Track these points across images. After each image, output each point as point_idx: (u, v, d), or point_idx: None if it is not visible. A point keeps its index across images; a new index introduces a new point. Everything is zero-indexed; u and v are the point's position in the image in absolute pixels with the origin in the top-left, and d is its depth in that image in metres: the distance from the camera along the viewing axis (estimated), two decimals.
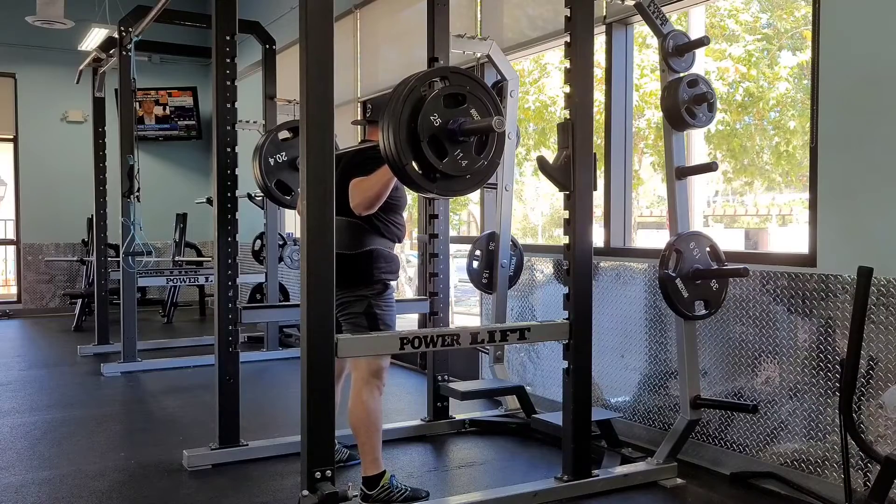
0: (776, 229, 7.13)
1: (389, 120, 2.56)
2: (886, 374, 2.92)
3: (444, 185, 2.68)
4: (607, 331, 4.16)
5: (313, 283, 2.56)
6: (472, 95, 2.66)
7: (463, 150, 2.64)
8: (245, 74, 7.12)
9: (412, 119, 2.57)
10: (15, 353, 7.08)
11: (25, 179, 9.66)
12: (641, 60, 5.95)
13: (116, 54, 6.15)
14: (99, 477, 3.54)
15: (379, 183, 2.94)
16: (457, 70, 2.79)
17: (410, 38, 6.10)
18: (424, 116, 2.56)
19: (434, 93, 2.60)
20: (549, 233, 9.30)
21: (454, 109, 2.62)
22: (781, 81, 6.45)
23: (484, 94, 2.69)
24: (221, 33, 3.72)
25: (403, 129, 2.56)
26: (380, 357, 3.11)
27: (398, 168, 2.61)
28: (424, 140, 2.56)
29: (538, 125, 8.27)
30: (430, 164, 2.58)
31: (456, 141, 2.62)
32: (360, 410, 3.08)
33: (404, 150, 2.57)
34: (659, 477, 3.42)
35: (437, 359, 4.25)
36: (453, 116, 2.61)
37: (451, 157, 2.61)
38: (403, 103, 2.57)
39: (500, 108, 2.73)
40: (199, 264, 8.98)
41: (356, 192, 2.98)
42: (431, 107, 2.58)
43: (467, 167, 2.66)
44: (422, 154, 2.57)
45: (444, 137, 2.60)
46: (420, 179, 2.62)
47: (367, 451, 3.09)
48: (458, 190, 2.78)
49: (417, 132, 2.56)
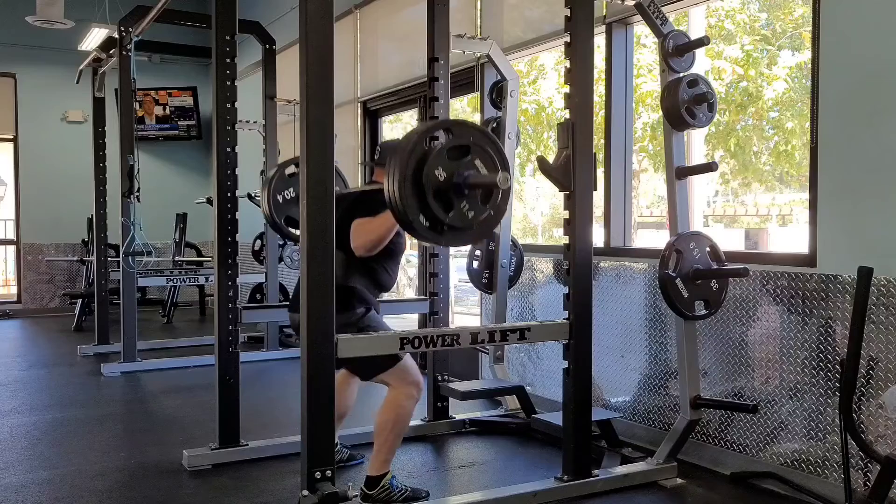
0: (776, 229, 7.14)
1: (395, 174, 2.57)
2: (886, 374, 2.92)
3: (452, 237, 2.70)
4: (607, 331, 4.16)
5: (313, 283, 2.56)
6: (477, 146, 2.67)
7: (469, 202, 2.65)
8: (245, 74, 7.12)
9: (417, 174, 2.57)
10: (15, 353, 7.08)
11: (25, 179, 9.66)
12: (638, 60, 5.95)
13: (116, 54, 6.15)
14: (99, 477, 3.54)
15: (383, 227, 2.94)
16: (459, 122, 2.81)
17: (410, 38, 6.10)
18: (429, 171, 2.57)
19: (438, 147, 2.62)
20: (549, 233, 9.30)
21: (459, 162, 2.63)
22: (779, 81, 6.46)
23: (488, 144, 2.70)
24: (221, 33, 3.72)
25: (409, 184, 2.57)
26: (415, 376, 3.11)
27: (405, 223, 2.63)
28: (430, 194, 2.58)
29: (535, 127, 8.28)
30: (437, 217, 2.60)
31: (461, 193, 2.63)
32: (393, 412, 3.07)
33: (410, 205, 2.58)
34: (659, 477, 3.42)
35: (437, 359, 4.25)
36: (458, 169, 2.62)
37: (457, 210, 2.63)
38: (408, 158, 2.58)
39: (504, 159, 2.74)
40: (199, 264, 8.98)
41: (359, 234, 2.97)
42: (436, 161, 2.59)
43: (473, 218, 2.68)
44: (428, 208, 2.59)
45: (449, 191, 2.61)
46: (427, 232, 2.64)
47: (383, 451, 3.09)
48: (466, 240, 2.84)
49: (423, 187, 2.57)
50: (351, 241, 2.97)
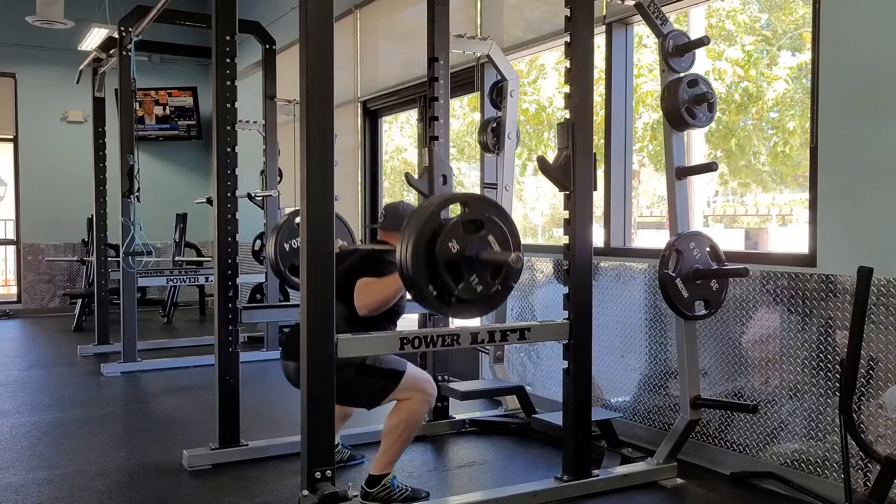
0: (776, 229, 7.13)
1: (408, 242, 2.62)
2: (886, 374, 2.92)
3: (459, 309, 2.74)
4: (607, 331, 4.16)
5: (313, 283, 2.56)
6: (491, 222, 2.72)
7: (478, 275, 2.70)
8: (245, 74, 7.12)
9: (431, 244, 2.62)
10: (15, 353, 7.08)
11: (25, 179, 9.66)
12: (638, 60, 5.95)
13: (116, 54, 6.15)
14: (99, 477, 3.54)
15: (389, 290, 2.95)
16: (477, 197, 2.87)
17: (410, 38, 6.10)
18: (443, 242, 2.62)
19: (453, 220, 2.67)
20: (549, 233, 9.29)
21: (472, 236, 2.69)
22: (779, 82, 6.45)
23: (503, 221, 2.75)
24: (221, 33, 3.72)
25: (422, 254, 2.61)
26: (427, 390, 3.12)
27: (415, 290, 2.66)
28: (442, 265, 2.62)
29: (535, 126, 8.27)
30: (447, 288, 2.64)
31: (472, 267, 2.67)
32: (404, 415, 3.06)
33: (421, 273, 2.62)
34: (659, 477, 3.42)
35: (437, 359, 4.25)
36: (471, 243, 2.67)
37: (466, 283, 2.67)
38: (423, 227, 2.63)
39: (518, 237, 2.78)
40: (199, 264, 8.97)
41: (365, 293, 2.97)
42: (450, 233, 2.64)
43: (482, 292, 2.72)
44: (438, 278, 2.63)
45: (461, 263, 2.66)
46: (435, 302, 2.68)
47: (390, 452, 3.09)
48: (472, 313, 2.87)
49: (435, 257, 2.62)
50: (356, 300, 2.97)
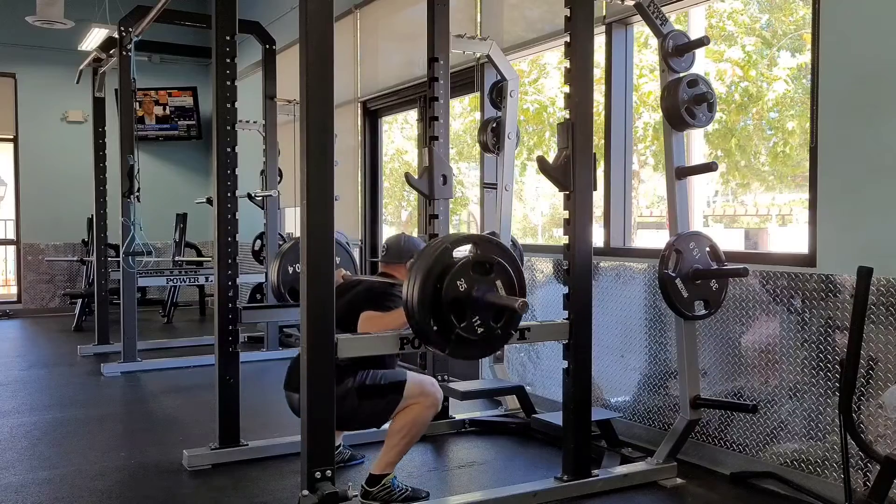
0: (776, 229, 7.13)
1: (417, 277, 2.66)
2: (886, 374, 2.92)
3: (457, 348, 2.76)
4: (607, 331, 4.16)
5: (313, 283, 2.56)
6: (500, 266, 2.75)
7: (481, 318, 2.72)
8: (245, 74, 7.12)
9: (439, 280, 2.66)
10: (15, 353, 7.08)
11: (25, 179, 9.66)
12: (640, 61, 5.95)
13: (116, 54, 6.15)
14: (99, 477, 3.54)
15: (394, 324, 2.96)
16: (488, 240, 2.89)
17: (410, 38, 6.10)
18: (451, 280, 2.65)
19: (463, 259, 2.70)
20: (549, 233, 9.29)
21: (481, 277, 2.71)
22: (779, 82, 6.46)
23: (511, 267, 2.78)
24: (221, 33, 3.72)
25: (429, 289, 2.65)
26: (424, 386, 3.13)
27: (418, 326, 2.69)
28: (447, 301, 2.65)
29: (535, 126, 8.27)
30: (449, 325, 2.67)
31: (477, 308, 2.70)
32: (410, 418, 3.07)
33: (426, 309, 2.65)
34: (659, 477, 3.42)
35: (437, 359, 4.25)
36: (479, 284, 2.70)
37: (468, 323, 2.70)
38: (433, 265, 2.67)
39: (524, 284, 2.81)
40: (199, 264, 8.97)
41: (369, 327, 2.99)
42: (459, 272, 2.67)
43: (483, 334, 2.74)
44: (442, 315, 2.66)
45: (465, 303, 2.69)
46: (436, 338, 2.70)
47: (392, 453, 3.09)
48: (470, 354, 2.89)
49: (442, 294, 2.64)
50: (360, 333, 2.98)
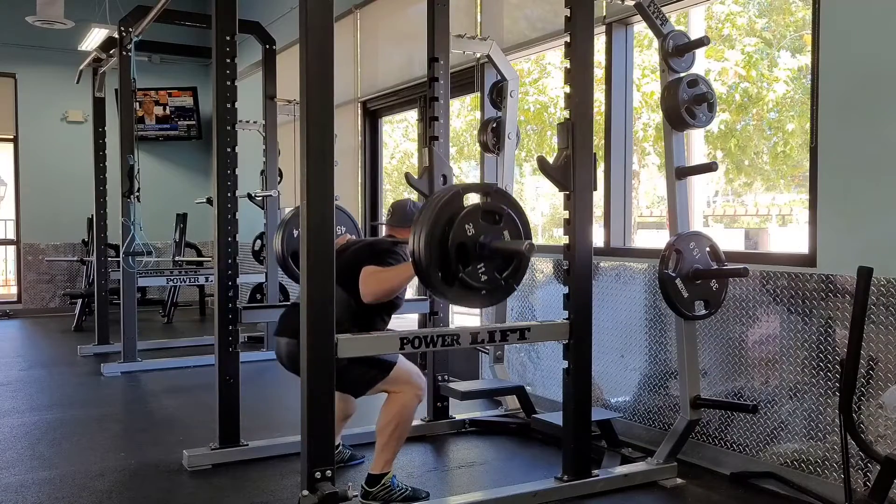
0: (776, 229, 7.14)
1: (425, 219, 2.67)
2: (886, 374, 2.92)
3: (459, 293, 2.76)
4: (607, 331, 4.16)
5: (313, 282, 2.56)
6: (509, 218, 2.77)
7: (486, 266, 2.73)
8: (245, 74, 7.12)
9: (448, 224, 2.67)
10: (15, 353, 7.08)
11: (25, 179, 9.66)
12: (643, 61, 5.95)
13: (116, 54, 6.15)
14: (99, 477, 3.54)
15: (398, 278, 2.96)
16: (500, 191, 2.91)
17: (410, 38, 6.10)
18: (460, 223, 2.67)
19: (474, 205, 2.72)
20: (549, 233, 9.30)
21: (489, 226, 2.74)
22: (779, 83, 6.46)
23: (520, 218, 2.81)
24: (221, 33, 3.72)
25: (438, 230, 2.66)
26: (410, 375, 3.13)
27: (421, 266, 2.69)
28: (453, 244, 2.66)
29: (535, 126, 8.27)
30: (452, 268, 2.67)
31: (482, 255, 2.72)
32: (393, 412, 3.07)
33: (432, 250, 2.66)
34: (659, 477, 3.42)
35: (437, 359, 4.25)
36: (486, 232, 2.72)
37: (472, 268, 2.71)
38: (443, 207, 2.68)
39: (531, 236, 2.84)
40: (199, 264, 8.98)
41: (370, 281, 2.96)
42: (468, 216, 2.70)
43: (485, 283, 2.75)
44: (447, 256, 2.66)
45: (471, 248, 2.70)
46: (437, 280, 2.70)
47: (387, 450, 3.09)
48: (472, 302, 2.89)
49: (448, 237, 2.66)
50: (361, 286, 2.96)
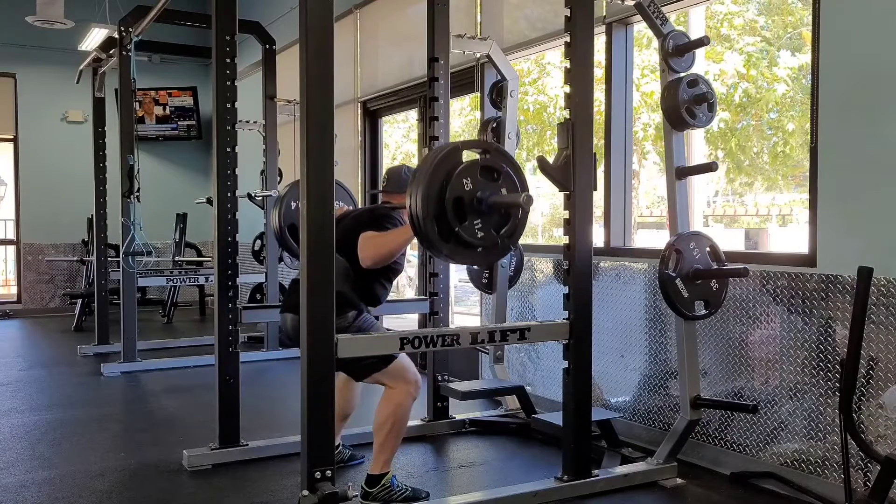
0: (776, 229, 7.14)
1: (424, 172, 2.66)
2: (886, 374, 2.92)
3: (455, 249, 2.75)
4: (607, 331, 4.16)
5: (313, 282, 2.56)
6: (508, 175, 2.77)
7: (482, 222, 2.72)
8: (245, 74, 7.12)
9: (446, 178, 2.66)
10: (15, 353, 7.08)
11: (25, 179, 9.65)
12: (643, 61, 5.95)
13: (116, 54, 6.15)
14: (99, 477, 3.54)
15: (395, 242, 2.97)
16: (499, 148, 2.92)
17: (410, 38, 6.10)
18: (458, 178, 2.67)
19: (473, 160, 2.71)
20: (549, 233, 9.31)
21: (487, 182, 2.73)
22: (780, 83, 6.47)
23: (518, 177, 2.80)
24: (221, 33, 3.72)
25: (435, 184, 2.65)
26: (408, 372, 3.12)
27: (417, 220, 2.68)
28: (450, 199, 2.65)
29: (536, 126, 8.27)
30: (448, 223, 2.66)
31: (479, 211, 2.71)
32: (389, 411, 3.07)
33: (429, 204, 2.65)
34: (659, 477, 3.42)
35: (437, 359, 4.25)
36: (483, 188, 2.72)
37: (469, 223, 2.70)
38: (441, 161, 2.67)
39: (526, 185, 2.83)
40: (199, 264, 8.97)
41: (368, 246, 2.98)
42: (466, 171, 2.69)
43: (482, 239, 2.74)
44: (443, 211, 2.65)
45: (468, 203, 2.69)
46: (434, 236, 2.69)
47: (384, 450, 3.09)
48: (467, 259, 2.88)
49: (445, 192, 2.65)
50: (359, 251, 2.98)
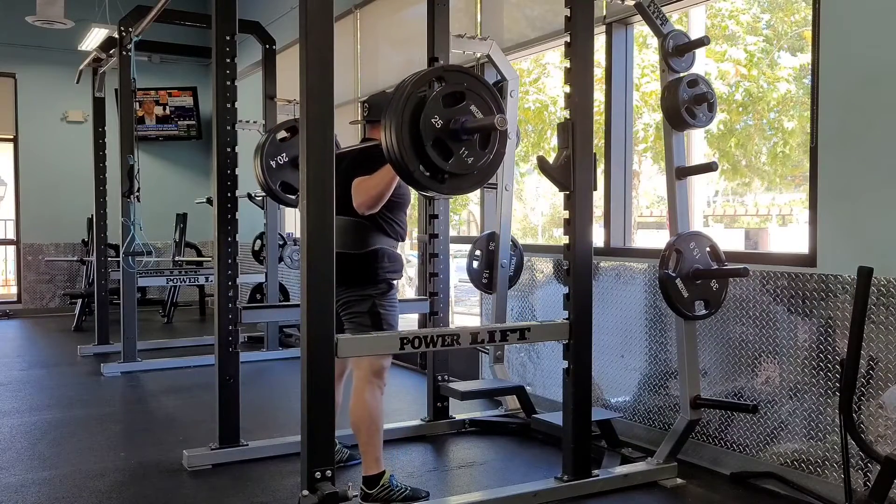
0: (776, 229, 7.14)
1: (391, 125, 2.57)
2: (886, 374, 2.92)
3: (453, 185, 2.70)
4: (607, 331, 4.16)
5: (313, 282, 2.56)
6: (471, 92, 2.66)
7: (467, 148, 2.65)
8: (245, 74, 7.11)
9: (414, 123, 2.57)
10: (15, 353, 7.08)
11: (25, 179, 9.66)
12: (642, 61, 5.95)
13: (116, 54, 6.15)
14: (99, 477, 3.54)
15: (382, 182, 2.94)
16: (452, 68, 2.80)
17: (410, 38, 6.10)
18: (426, 119, 2.57)
19: (433, 94, 2.61)
20: (549, 233, 9.31)
21: (454, 108, 2.63)
22: (781, 82, 6.46)
23: (482, 90, 2.70)
24: (221, 33, 3.72)
25: (406, 135, 2.57)
26: (381, 357, 3.11)
27: (406, 173, 2.63)
28: (428, 143, 2.57)
29: (536, 126, 8.27)
30: (437, 166, 2.60)
31: (460, 139, 2.63)
32: (362, 410, 3.08)
33: (409, 155, 2.58)
34: (659, 477, 3.42)
35: (437, 359, 4.25)
36: (454, 115, 2.62)
37: (456, 157, 2.63)
38: (403, 108, 2.58)
39: (500, 102, 2.75)
40: (199, 264, 8.97)
41: (359, 192, 2.98)
42: (431, 109, 2.58)
43: (473, 164, 2.68)
44: (427, 158, 2.59)
45: (447, 138, 2.61)
46: (428, 182, 2.64)
47: (369, 450, 3.09)
48: (467, 187, 2.82)
49: (421, 136, 2.57)
50: (354, 201, 2.98)
